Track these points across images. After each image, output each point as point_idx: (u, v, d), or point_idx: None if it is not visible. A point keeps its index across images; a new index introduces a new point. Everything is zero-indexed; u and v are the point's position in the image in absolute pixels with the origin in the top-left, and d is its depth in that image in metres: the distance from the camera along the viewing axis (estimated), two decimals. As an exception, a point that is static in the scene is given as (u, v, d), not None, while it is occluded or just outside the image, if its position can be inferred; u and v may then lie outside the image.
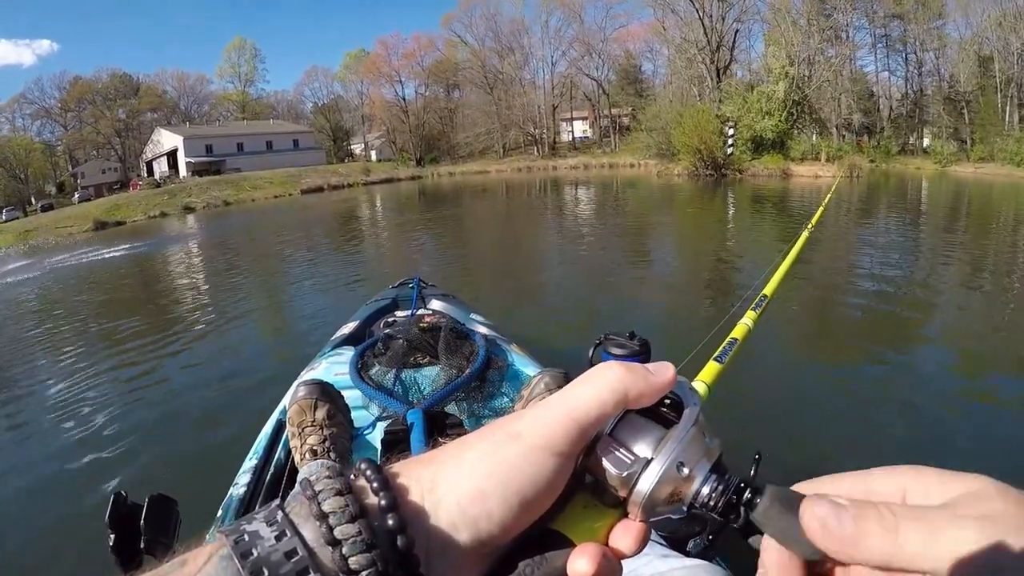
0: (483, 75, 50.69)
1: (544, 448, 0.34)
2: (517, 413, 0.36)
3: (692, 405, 0.38)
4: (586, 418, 0.35)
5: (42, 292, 12.27)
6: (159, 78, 57.28)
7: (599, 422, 0.36)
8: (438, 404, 1.84)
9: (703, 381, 0.94)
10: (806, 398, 4.30)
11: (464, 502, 0.33)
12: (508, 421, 0.36)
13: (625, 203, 21.23)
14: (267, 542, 0.29)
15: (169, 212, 33.66)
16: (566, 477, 0.35)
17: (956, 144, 33.95)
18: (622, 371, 0.36)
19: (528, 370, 2.11)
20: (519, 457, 0.34)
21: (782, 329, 5.70)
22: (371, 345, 2.15)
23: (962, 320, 6.23)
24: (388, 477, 0.33)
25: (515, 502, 0.33)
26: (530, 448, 0.34)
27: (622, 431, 0.37)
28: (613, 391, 0.35)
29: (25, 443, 4.39)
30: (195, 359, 5.96)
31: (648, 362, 1.40)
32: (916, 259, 9.47)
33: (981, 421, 3.84)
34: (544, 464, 0.34)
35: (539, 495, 0.34)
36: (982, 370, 4.78)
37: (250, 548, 0.29)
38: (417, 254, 12.75)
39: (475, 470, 0.33)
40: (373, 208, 26.92)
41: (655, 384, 0.37)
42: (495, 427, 0.36)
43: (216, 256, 15.37)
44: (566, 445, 0.34)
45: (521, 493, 0.33)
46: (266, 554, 0.29)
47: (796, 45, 34.92)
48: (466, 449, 0.35)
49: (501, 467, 0.33)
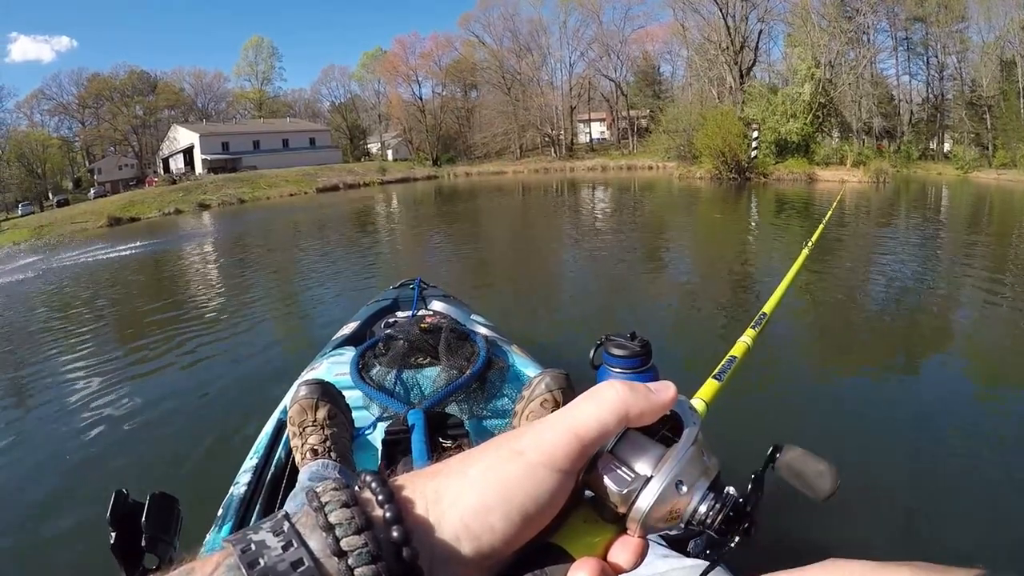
0: (501, 75, 50.64)
1: (546, 465, 0.35)
2: (520, 429, 0.37)
3: (692, 424, 0.38)
4: (588, 436, 0.35)
5: (49, 289, 12.35)
6: (176, 75, 57.44)
7: (600, 440, 0.36)
8: (439, 404, 1.84)
9: (702, 399, 0.94)
10: (811, 412, 4.20)
11: (467, 516, 0.33)
12: (511, 437, 0.37)
13: (643, 206, 21.09)
14: (274, 552, 0.29)
15: (184, 209, 33.78)
16: (567, 493, 0.36)
17: (978, 150, 33.40)
18: (624, 390, 0.37)
19: (529, 371, 2.11)
20: (522, 473, 0.34)
21: (790, 340, 5.64)
22: (372, 345, 2.16)
23: (979, 335, 6.10)
24: (393, 490, 0.33)
25: (517, 517, 0.34)
26: (532, 465, 0.34)
27: (623, 449, 0.37)
28: (615, 410, 0.36)
29: (24, 440, 4.40)
30: (198, 357, 5.98)
31: (649, 362, 1.40)
32: (935, 268, 9.32)
33: (996, 443, 3.69)
34: (546, 480, 0.34)
35: (540, 510, 0.34)
36: (998, 387, 4.66)
37: (257, 558, 0.29)
38: (429, 254, 12.77)
39: (478, 485, 0.34)
40: (388, 207, 26.97)
41: (656, 403, 0.37)
42: (498, 442, 0.36)
43: (226, 254, 15.47)
44: (568, 462, 0.35)
45: (523, 508, 0.34)
46: (273, 564, 0.29)
47: (822, 46, 34.53)
48: (470, 464, 0.35)
49: (504, 482, 0.34)
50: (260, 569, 0.28)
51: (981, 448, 3.59)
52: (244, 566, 0.29)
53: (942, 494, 3.12)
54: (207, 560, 0.30)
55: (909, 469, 3.36)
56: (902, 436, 3.76)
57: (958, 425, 3.92)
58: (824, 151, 32.72)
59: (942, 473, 3.35)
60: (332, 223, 20.77)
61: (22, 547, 2.95)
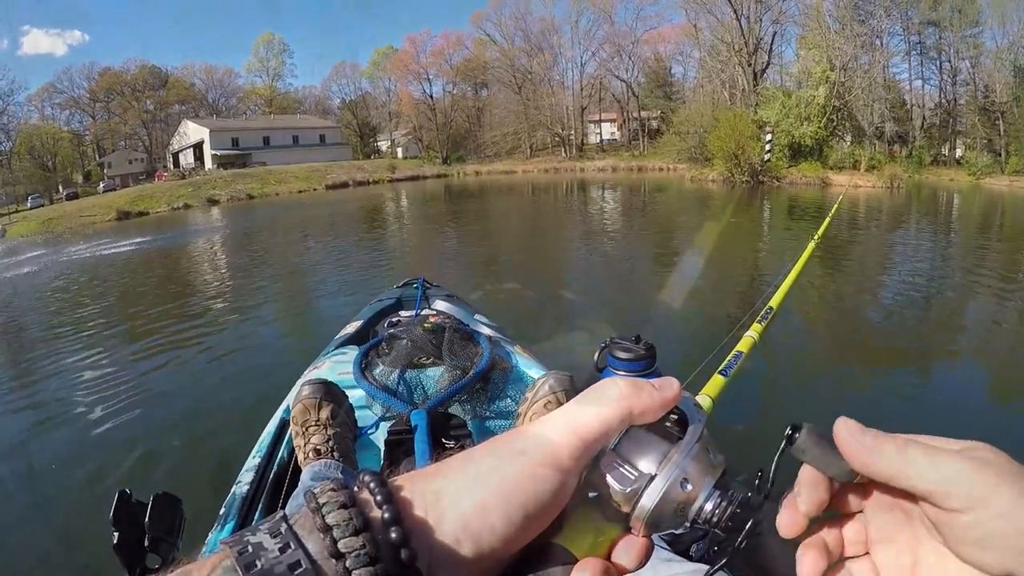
0: (511, 74, 50.73)
1: (548, 464, 0.34)
2: (521, 428, 0.37)
3: (697, 421, 0.37)
4: (590, 435, 0.35)
5: (54, 283, 12.42)
6: (187, 71, 57.68)
7: (603, 439, 0.36)
8: (442, 405, 1.83)
9: (708, 395, 0.91)
10: (818, 410, 4.18)
11: (467, 516, 0.33)
12: (512, 437, 0.36)
13: (654, 208, 21.06)
14: (271, 553, 0.29)
15: (192, 204, 34.00)
16: (569, 493, 0.35)
17: (990, 156, 33.13)
18: (627, 388, 0.36)
19: (532, 372, 2.09)
20: (523, 473, 0.34)
21: (796, 341, 5.62)
22: (375, 345, 2.15)
23: (989, 336, 6.08)
24: (392, 490, 0.33)
25: (518, 517, 0.33)
26: (534, 464, 0.34)
27: (626, 447, 0.37)
28: (618, 408, 0.35)
29: (25, 438, 4.38)
30: (201, 356, 6.00)
31: (654, 366, 1.38)
32: (946, 271, 9.29)
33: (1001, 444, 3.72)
34: (548, 480, 0.34)
35: (542, 510, 0.34)
36: (1010, 396, 4.64)
37: (254, 560, 0.29)
38: (435, 252, 12.81)
39: (479, 485, 0.33)
40: (398, 205, 27.02)
41: (660, 400, 0.37)
42: (499, 442, 0.36)
43: (232, 251, 15.58)
44: (570, 461, 0.35)
45: (524, 508, 0.33)
46: (270, 566, 0.29)
47: (836, 49, 34.28)
48: (470, 463, 0.35)
49: (505, 482, 0.33)
50: (257, 571, 0.28)
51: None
52: (241, 568, 0.28)
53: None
54: (204, 562, 0.30)
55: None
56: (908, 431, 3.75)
57: (965, 424, 3.89)
58: (836, 155, 32.56)
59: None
60: (340, 220, 20.85)
61: (23, 547, 2.93)
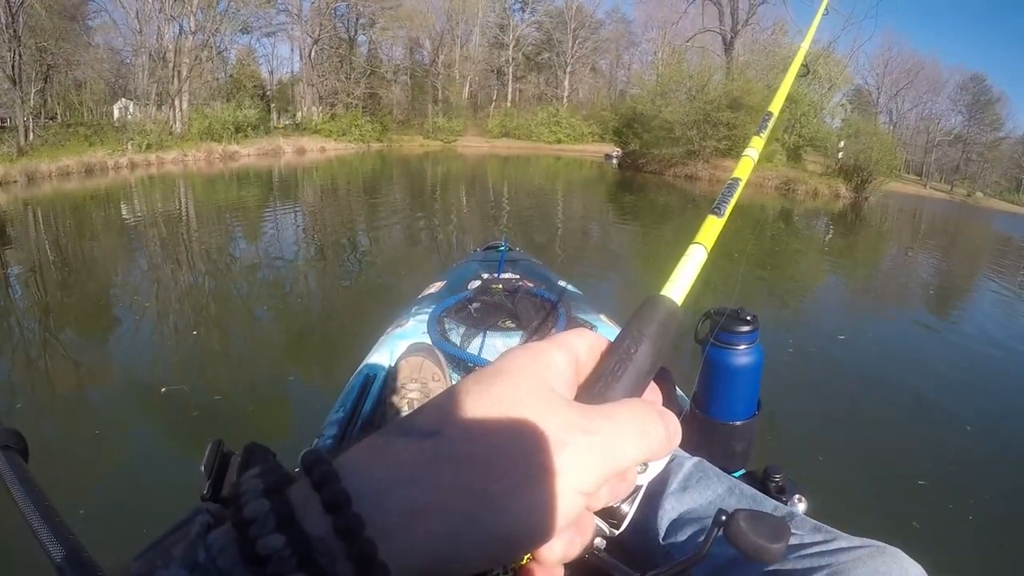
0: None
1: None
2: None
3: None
4: (620, 467, 0.29)
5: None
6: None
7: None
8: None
9: (700, 243, 0.72)
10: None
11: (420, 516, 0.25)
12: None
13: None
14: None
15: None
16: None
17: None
18: (674, 431, 0.30)
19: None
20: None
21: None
22: (455, 305, 2.14)
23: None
24: (349, 464, 0.25)
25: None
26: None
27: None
28: (653, 451, 0.29)
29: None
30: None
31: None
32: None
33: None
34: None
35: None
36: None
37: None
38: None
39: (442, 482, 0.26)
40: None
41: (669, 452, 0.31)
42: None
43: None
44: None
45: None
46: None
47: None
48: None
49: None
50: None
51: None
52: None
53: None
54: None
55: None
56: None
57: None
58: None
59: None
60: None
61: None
